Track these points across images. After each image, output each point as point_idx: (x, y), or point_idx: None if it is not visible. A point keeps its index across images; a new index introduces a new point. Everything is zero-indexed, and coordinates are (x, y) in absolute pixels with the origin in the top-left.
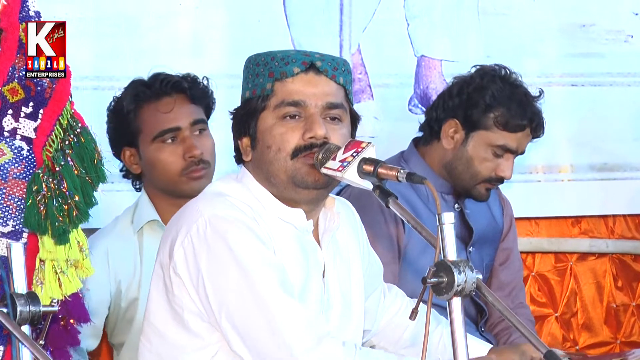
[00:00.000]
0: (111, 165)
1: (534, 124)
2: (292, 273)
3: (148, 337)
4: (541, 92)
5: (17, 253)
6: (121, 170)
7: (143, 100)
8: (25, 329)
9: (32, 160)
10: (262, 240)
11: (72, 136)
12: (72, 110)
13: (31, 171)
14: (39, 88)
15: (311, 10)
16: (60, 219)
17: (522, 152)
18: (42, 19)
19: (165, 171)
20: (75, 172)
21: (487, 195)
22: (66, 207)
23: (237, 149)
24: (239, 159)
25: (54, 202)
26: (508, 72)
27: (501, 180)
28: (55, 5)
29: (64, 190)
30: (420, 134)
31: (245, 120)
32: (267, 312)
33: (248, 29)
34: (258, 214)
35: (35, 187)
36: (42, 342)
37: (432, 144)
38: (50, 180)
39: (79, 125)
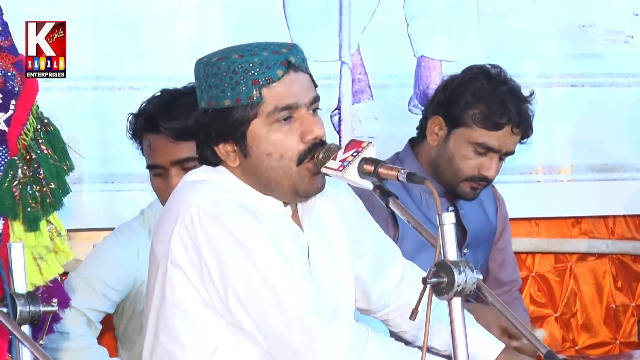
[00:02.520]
0: (118, 167)
1: (514, 123)
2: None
3: (148, 332)
4: (532, 92)
5: (17, 253)
6: None
7: (141, 130)
8: (25, 328)
9: (1, 150)
10: (254, 216)
11: (41, 125)
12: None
13: (0, 161)
14: (8, 81)
15: (311, 10)
16: (33, 204)
17: (511, 153)
18: (2, 14)
19: (158, 197)
20: (52, 160)
21: (474, 195)
22: (39, 194)
23: (211, 154)
24: (208, 162)
25: (28, 189)
26: (498, 71)
27: (485, 179)
28: (55, 5)
29: (40, 177)
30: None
31: (227, 128)
32: (274, 287)
33: (247, 29)
34: (241, 199)
35: (12, 172)
36: (42, 342)
37: (423, 142)
38: (26, 168)
39: (44, 115)
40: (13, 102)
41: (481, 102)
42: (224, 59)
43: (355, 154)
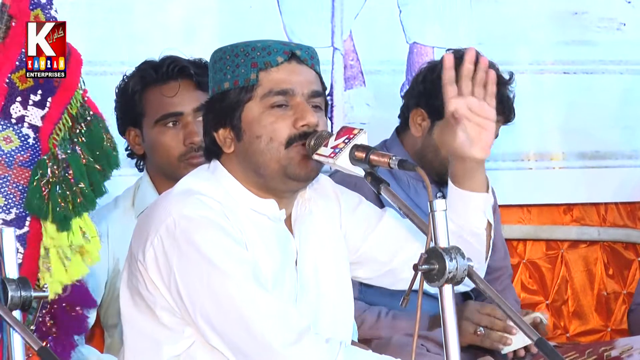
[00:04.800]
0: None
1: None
2: (265, 265)
3: (123, 329)
4: (511, 75)
5: (9, 238)
6: (126, 150)
7: (149, 83)
8: (17, 314)
9: (38, 148)
10: (232, 237)
11: (82, 125)
12: (86, 98)
13: (37, 159)
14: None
15: None
16: (62, 204)
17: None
18: (53, 6)
19: (165, 155)
20: (83, 160)
21: None
22: (69, 193)
23: (210, 142)
24: (210, 153)
25: (57, 188)
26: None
27: None
28: None
29: (70, 177)
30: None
31: (225, 112)
32: (241, 309)
33: (240, 15)
34: (229, 209)
35: (41, 172)
36: (32, 327)
37: (407, 131)
38: (55, 167)
39: (90, 113)
40: (50, 99)
41: None
42: (230, 45)
43: (346, 140)
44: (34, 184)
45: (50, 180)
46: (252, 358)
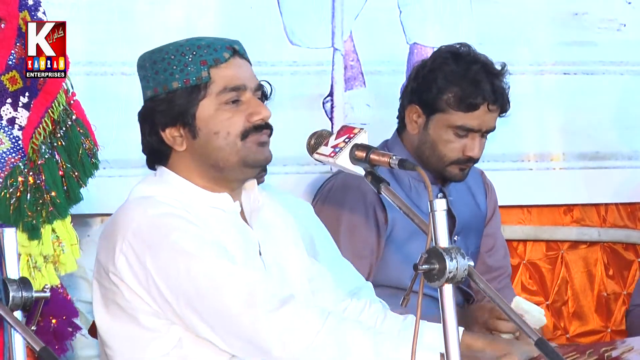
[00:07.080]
0: (110, 152)
1: (490, 100)
2: (234, 254)
3: (106, 342)
4: (503, 66)
5: (10, 238)
6: None
7: None
8: (18, 314)
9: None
10: (195, 225)
11: (63, 129)
12: (72, 101)
13: None
14: (34, 79)
15: None
16: (30, 214)
17: (492, 129)
18: (40, 9)
19: None
20: (61, 166)
21: (462, 175)
22: (41, 201)
23: (158, 143)
24: (156, 156)
25: (27, 197)
26: (467, 50)
27: (471, 160)
28: None
29: (42, 184)
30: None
31: (175, 111)
32: (220, 286)
33: (240, 15)
34: (187, 206)
35: (11, 181)
36: (33, 327)
37: (406, 130)
38: (31, 173)
39: (73, 117)
40: (33, 102)
41: (454, 86)
42: (170, 45)
43: (347, 140)
44: (2, 193)
45: (20, 189)
46: (242, 334)
